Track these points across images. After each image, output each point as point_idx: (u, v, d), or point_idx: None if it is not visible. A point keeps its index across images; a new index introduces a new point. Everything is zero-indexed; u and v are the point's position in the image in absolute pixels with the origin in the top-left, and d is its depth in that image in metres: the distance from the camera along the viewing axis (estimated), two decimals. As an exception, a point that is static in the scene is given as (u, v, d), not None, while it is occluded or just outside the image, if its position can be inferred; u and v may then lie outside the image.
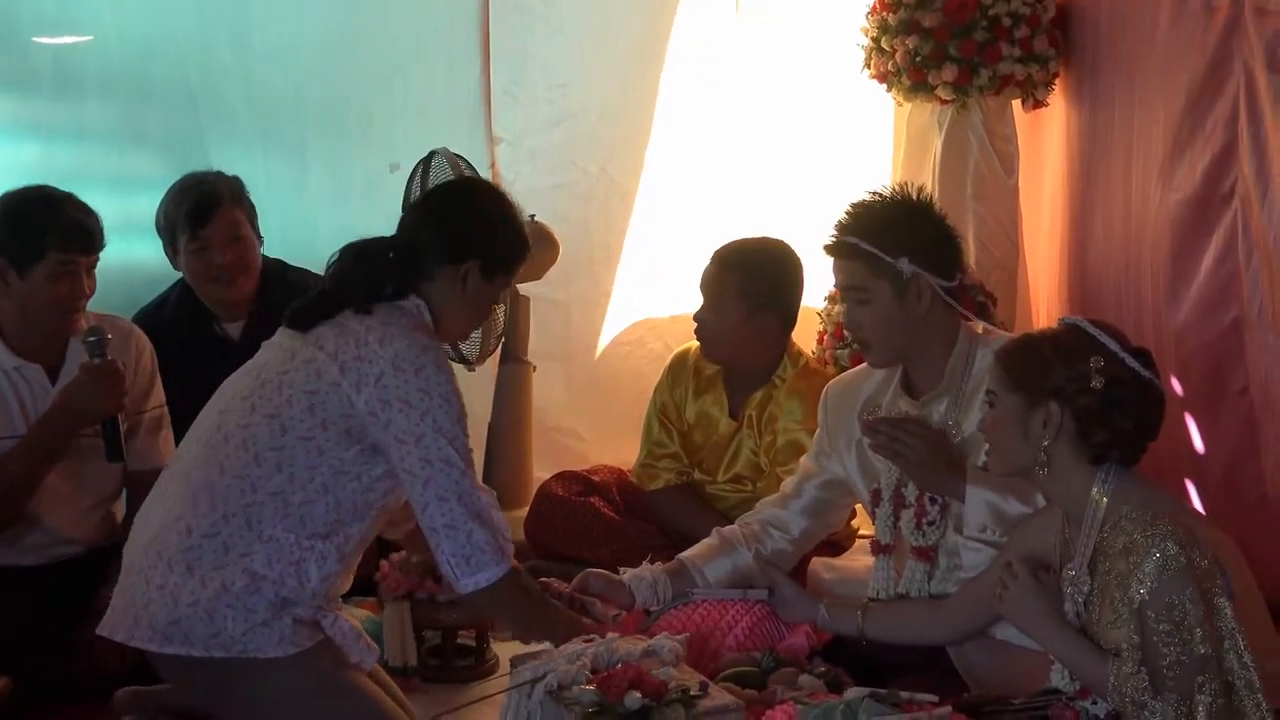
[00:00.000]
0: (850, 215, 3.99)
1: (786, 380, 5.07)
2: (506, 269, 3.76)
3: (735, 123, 6.46)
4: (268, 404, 3.45)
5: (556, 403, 6.23)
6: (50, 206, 4.33)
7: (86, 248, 4.33)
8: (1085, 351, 3.26)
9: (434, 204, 3.83)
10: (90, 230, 4.35)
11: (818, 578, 4.49)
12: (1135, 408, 3.26)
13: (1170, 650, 3.03)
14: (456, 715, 3.86)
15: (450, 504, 3.43)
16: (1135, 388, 3.26)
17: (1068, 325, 3.36)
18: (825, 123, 6.56)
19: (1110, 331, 3.30)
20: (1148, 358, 3.29)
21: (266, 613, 3.33)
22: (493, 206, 3.76)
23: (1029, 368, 3.32)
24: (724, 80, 6.43)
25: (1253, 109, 4.96)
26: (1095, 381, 3.23)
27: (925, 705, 3.23)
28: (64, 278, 4.28)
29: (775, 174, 6.47)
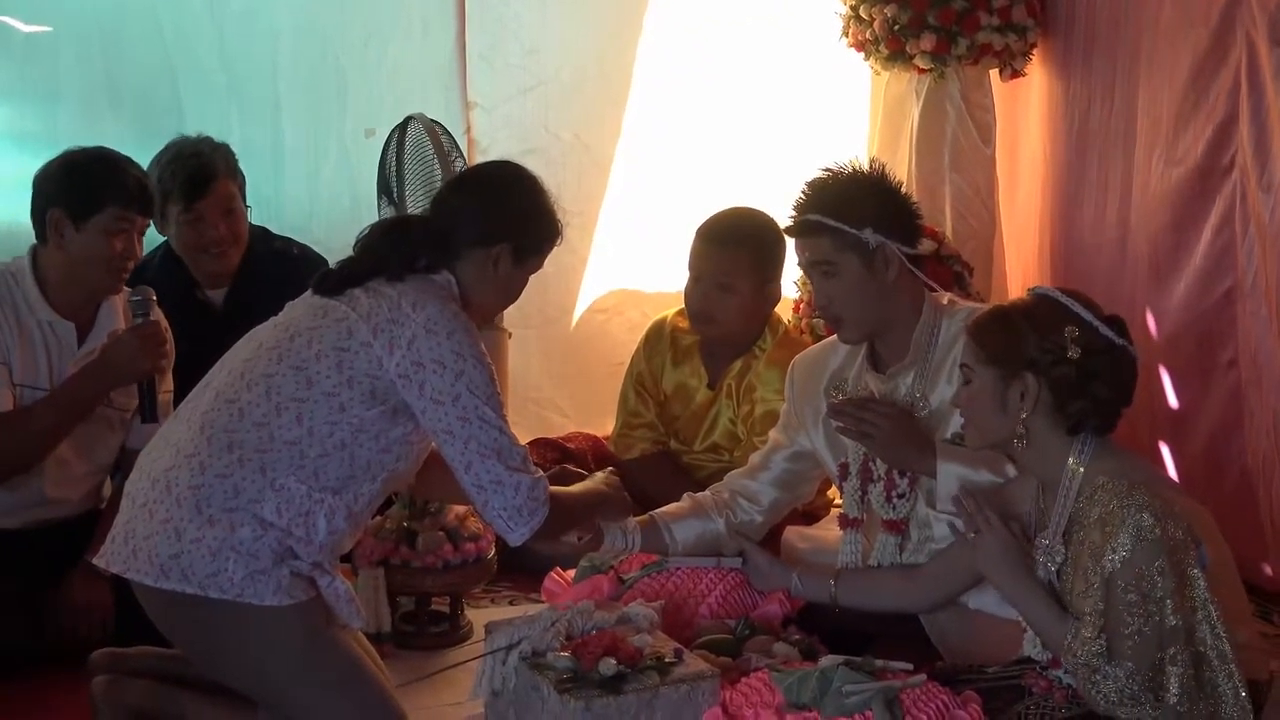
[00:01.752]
0: (808, 193, 3.98)
1: (766, 350, 5.08)
2: (538, 253, 3.79)
3: (713, 91, 6.47)
4: (296, 356, 3.46)
5: (532, 371, 6.24)
6: (112, 164, 4.38)
7: (143, 208, 4.38)
8: (1059, 322, 3.25)
9: (470, 185, 3.84)
10: (149, 192, 4.41)
11: (791, 547, 4.49)
12: (1112, 376, 3.26)
13: (1134, 620, 3.03)
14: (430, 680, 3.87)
15: (492, 460, 3.46)
16: (1111, 356, 3.25)
17: (1039, 296, 3.35)
18: (803, 91, 6.58)
19: (1082, 300, 3.30)
20: (1121, 325, 3.29)
21: (268, 560, 3.33)
22: (528, 191, 3.77)
23: (1003, 341, 3.31)
24: (701, 48, 6.43)
25: (1254, 81, 4.99)
26: (1072, 351, 3.22)
27: (899, 673, 3.23)
28: (119, 235, 4.32)
29: (753, 143, 6.49)
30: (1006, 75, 6.22)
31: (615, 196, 6.41)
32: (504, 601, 4.88)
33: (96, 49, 5.66)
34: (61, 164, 4.37)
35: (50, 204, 4.32)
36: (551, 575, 4.27)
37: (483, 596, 4.87)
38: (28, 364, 4.31)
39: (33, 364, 4.32)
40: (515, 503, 3.47)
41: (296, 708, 3.44)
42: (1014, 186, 6.60)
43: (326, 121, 5.92)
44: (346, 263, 3.63)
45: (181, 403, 3.63)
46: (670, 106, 6.41)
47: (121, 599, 3.93)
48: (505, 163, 3.95)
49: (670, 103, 6.41)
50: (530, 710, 3.32)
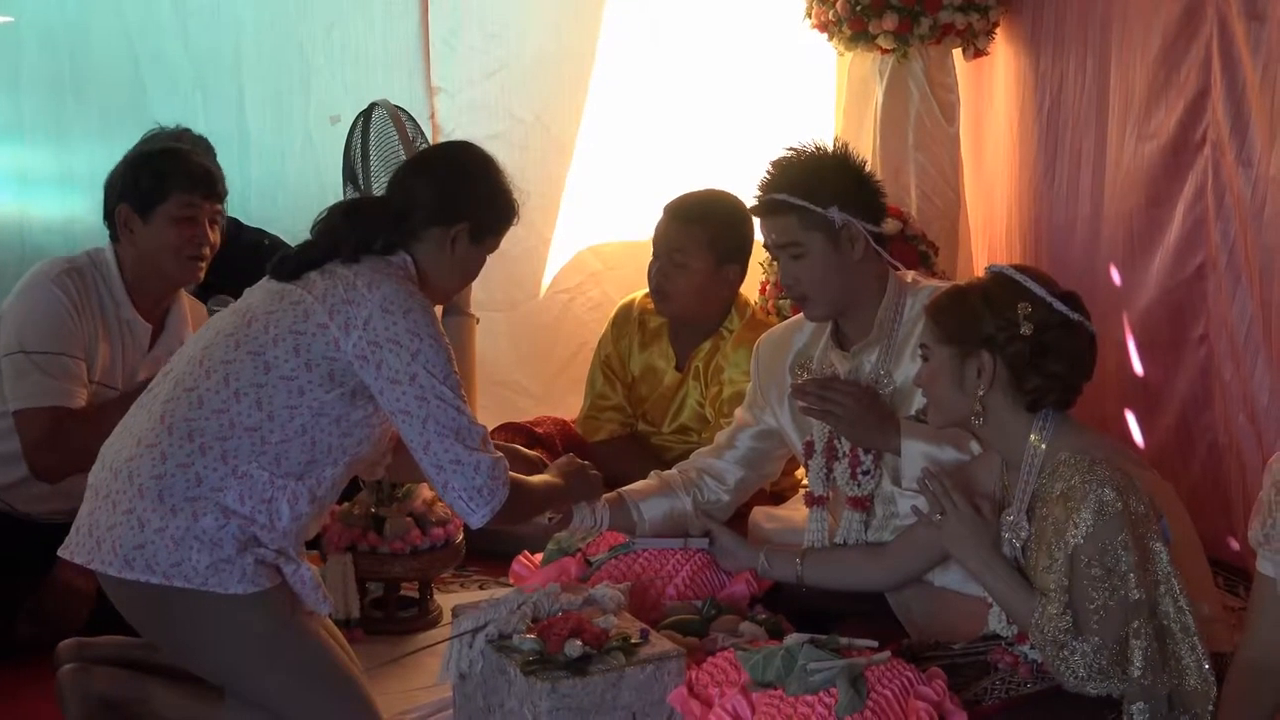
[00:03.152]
0: (773, 172, 3.99)
1: (734, 331, 5.10)
2: (496, 233, 3.78)
3: (676, 72, 6.47)
4: (253, 342, 3.44)
5: (498, 353, 6.24)
6: (174, 153, 4.45)
7: (209, 193, 4.42)
8: (1013, 299, 3.26)
9: (426, 166, 3.82)
10: (213, 175, 4.46)
11: (758, 527, 4.49)
12: (1066, 351, 3.27)
13: (1099, 594, 3.05)
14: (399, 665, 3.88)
15: (450, 440, 3.44)
16: (1064, 331, 3.27)
17: (994, 274, 3.35)
18: (768, 72, 6.59)
19: (1037, 277, 3.31)
20: (1076, 300, 3.30)
21: (232, 548, 3.32)
22: (484, 171, 3.76)
23: (959, 319, 3.31)
24: (665, 30, 6.43)
25: (1227, 55, 4.99)
26: (1024, 328, 3.23)
27: (864, 650, 3.24)
28: (187, 222, 4.37)
29: (717, 124, 6.49)
30: (970, 54, 6.24)
31: (578, 178, 6.41)
32: (473, 585, 4.89)
33: (60, 40, 5.65)
34: (126, 161, 4.44)
35: (118, 201, 4.37)
36: (519, 558, 4.27)
37: (452, 581, 4.88)
38: (105, 363, 4.36)
39: (110, 363, 4.37)
40: (475, 483, 3.45)
41: (263, 695, 3.44)
42: (979, 165, 6.61)
43: (291, 109, 5.92)
44: (303, 246, 3.62)
45: (142, 392, 3.62)
46: (634, 89, 6.42)
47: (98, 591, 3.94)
48: (461, 143, 3.95)
49: (634, 85, 6.41)
50: (497, 692, 3.33)
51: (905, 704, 3.09)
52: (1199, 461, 5.34)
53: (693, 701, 3.20)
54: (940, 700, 3.13)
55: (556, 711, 3.16)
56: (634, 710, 3.24)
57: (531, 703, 3.18)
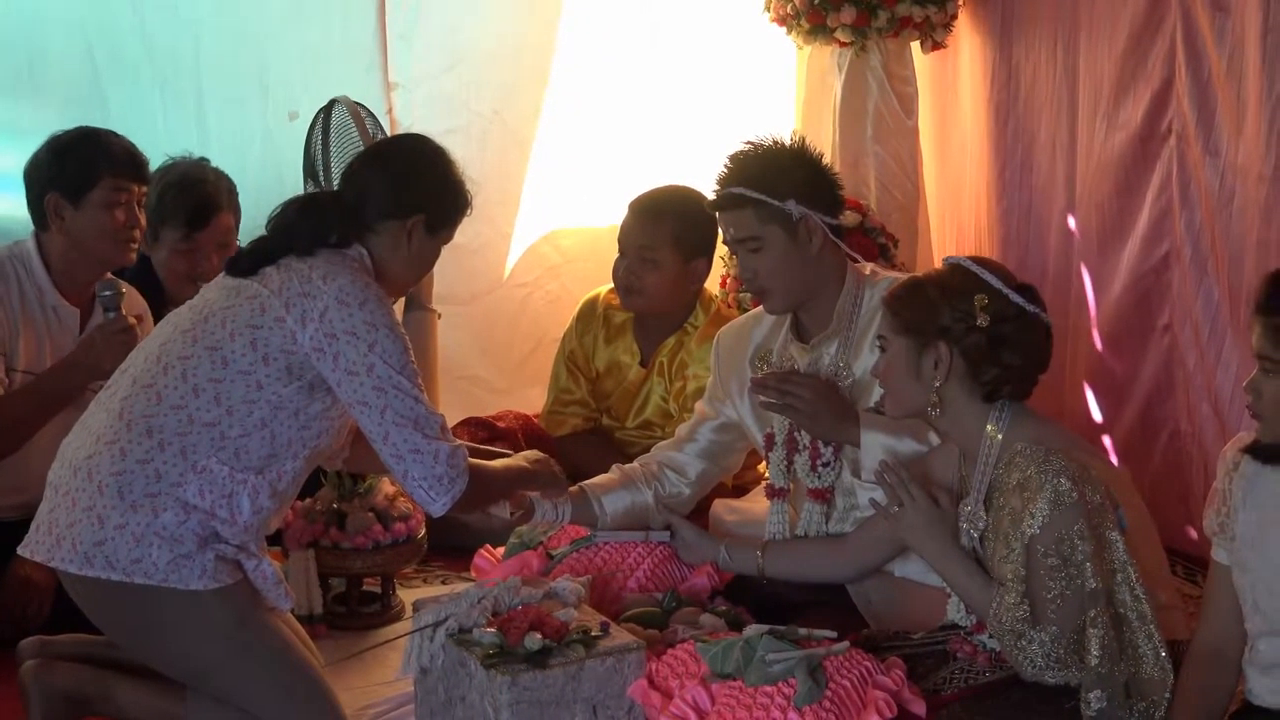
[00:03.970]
0: (731, 166, 4.01)
1: (699, 327, 5.12)
2: (450, 224, 3.78)
3: (636, 66, 6.47)
4: (210, 337, 3.45)
5: (459, 347, 6.23)
6: (98, 138, 4.44)
7: (138, 175, 4.44)
8: (969, 290, 3.28)
9: (380, 159, 3.82)
10: (139, 159, 4.47)
11: (719, 519, 4.51)
12: (1022, 342, 3.28)
13: (1055, 584, 3.07)
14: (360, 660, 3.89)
15: (409, 429, 3.45)
16: (1021, 323, 3.28)
17: (951, 265, 3.37)
18: (727, 66, 6.58)
19: (993, 269, 3.33)
20: (1032, 292, 3.31)
21: (192, 544, 3.33)
22: (437, 162, 3.77)
23: (916, 310, 3.33)
24: (624, 23, 6.43)
25: (1191, 47, 5.02)
26: (981, 319, 3.25)
27: (823, 641, 3.26)
28: (118, 206, 4.37)
29: (677, 119, 6.49)
30: (928, 47, 6.24)
31: (537, 172, 6.40)
32: (436, 580, 4.89)
33: (18, 39, 5.61)
34: (48, 148, 4.41)
35: (46, 189, 4.37)
36: (481, 552, 4.27)
37: (414, 576, 4.88)
38: (30, 351, 4.36)
39: (35, 350, 4.36)
40: (435, 472, 3.46)
41: (224, 690, 3.45)
42: (945, 157, 6.62)
43: (249, 106, 5.89)
44: (258, 242, 3.62)
45: (101, 389, 3.62)
46: (593, 83, 6.41)
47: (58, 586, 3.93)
48: (413, 135, 3.96)
49: (593, 79, 6.40)
50: (458, 686, 3.34)
51: (864, 693, 3.11)
52: (1160, 451, 5.36)
53: (653, 693, 3.22)
54: (899, 689, 3.15)
55: (517, 705, 3.17)
56: (594, 703, 3.25)
57: (492, 696, 3.19)
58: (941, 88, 6.61)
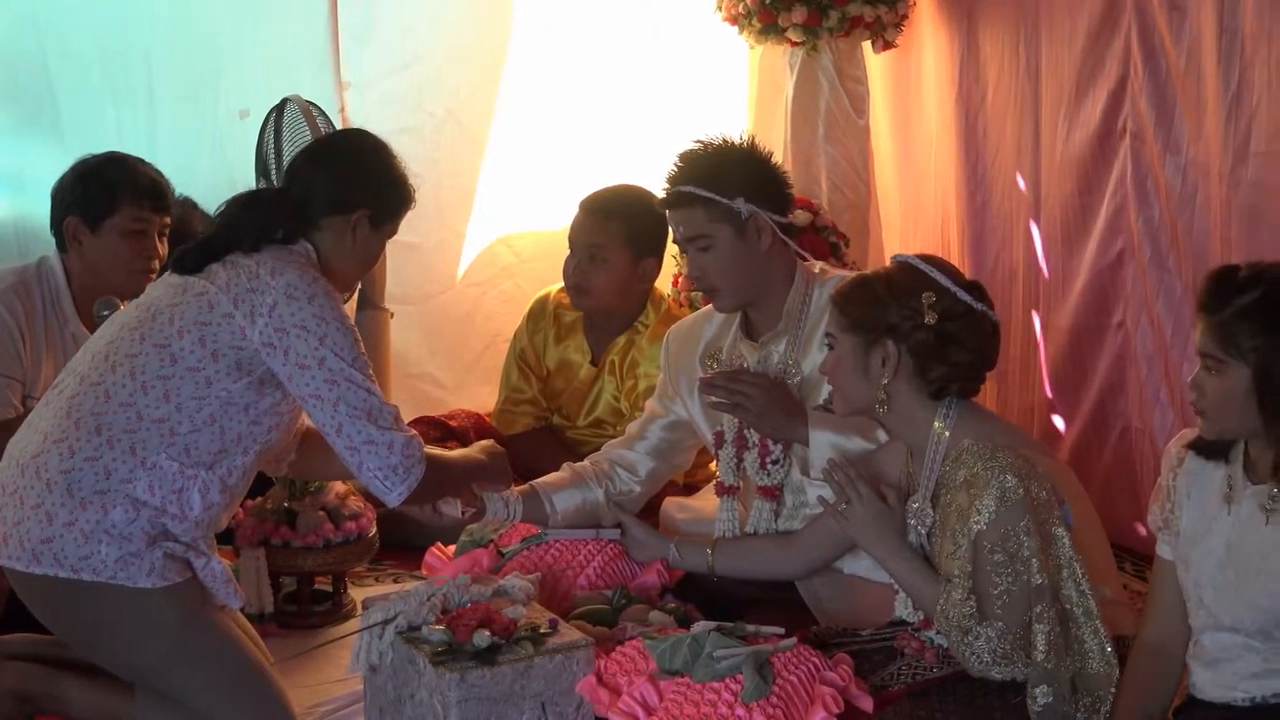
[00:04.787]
0: (680, 165, 4.02)
1: (649, 326, 5.13)
2: (394, 219, 3.80)
3: (589, 66, 6.46)
4: (158, 334, 3.45)
5: (412, 346, 6.22)
6: (122, 165, 4.41)
7: (159, 206, 4.41)
8: (917, 288, 3.29)
9: (324, 154, 3.83)
10: (163, 189, 4.44)
11: (670, 517, 4.52)
12: (969, 340, 3.30)
13: (1002, 580, 3.08)
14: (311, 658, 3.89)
15: (362, 421, 3.45)
16: (968, 321, 3.30)
17: (899, 263, 3.38)
18: (681, 65, 6.58)
19: (941, 266, 3.34)
20: (980, 290, 3.33)
21: (141, 542, 3.33)
22: (381, 158, 3.78)
23: (864, 308, 3.34)
24: (577, 23, 6.42)
25: (1147, 46, 5.04)
26: (928, 317, 3.26)
27: (771, 638, 3.28)
28: (136, 235, 4.36)
29: (631, 118, 6.49)
30: (879, 47, 6.26)
31: (491, 172, 6.40)
32: (388, 579, 4.88)
33: (-34, 38, 5.60)
34: (73, 171, 4.40)
35: (66, 213, 4.37)
36: (432, 550, 4.28)
37: (366, 574, 4.87)
38: (49, 380, 4.26)
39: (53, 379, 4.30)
40: (390, 462, 3.47)
41: (173, 689, 3.45)
42: (909, 155, 6.62)
43: (200, 104, 5.86)
44: (204, 239, 3.62)
45: (48, 389, 3.61)
46: (547, 82, 6.39)
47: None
48: (355, 131, 3.99)
49: (547, 78, 6.39)
50: (408, 683, 3.34)
51: (811, 689, 3.13)
52: (1110, 448, 5.40)
53: (601, 690, 3.23)
54: (846, 685, 3.17)
55: (466, 702, 3.17)
56: (543, 700, 3.26)
57: (441, 693, 3.19)
58: (903, 86, 6.62)
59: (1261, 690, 2.97)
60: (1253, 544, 2.95)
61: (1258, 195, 4.60)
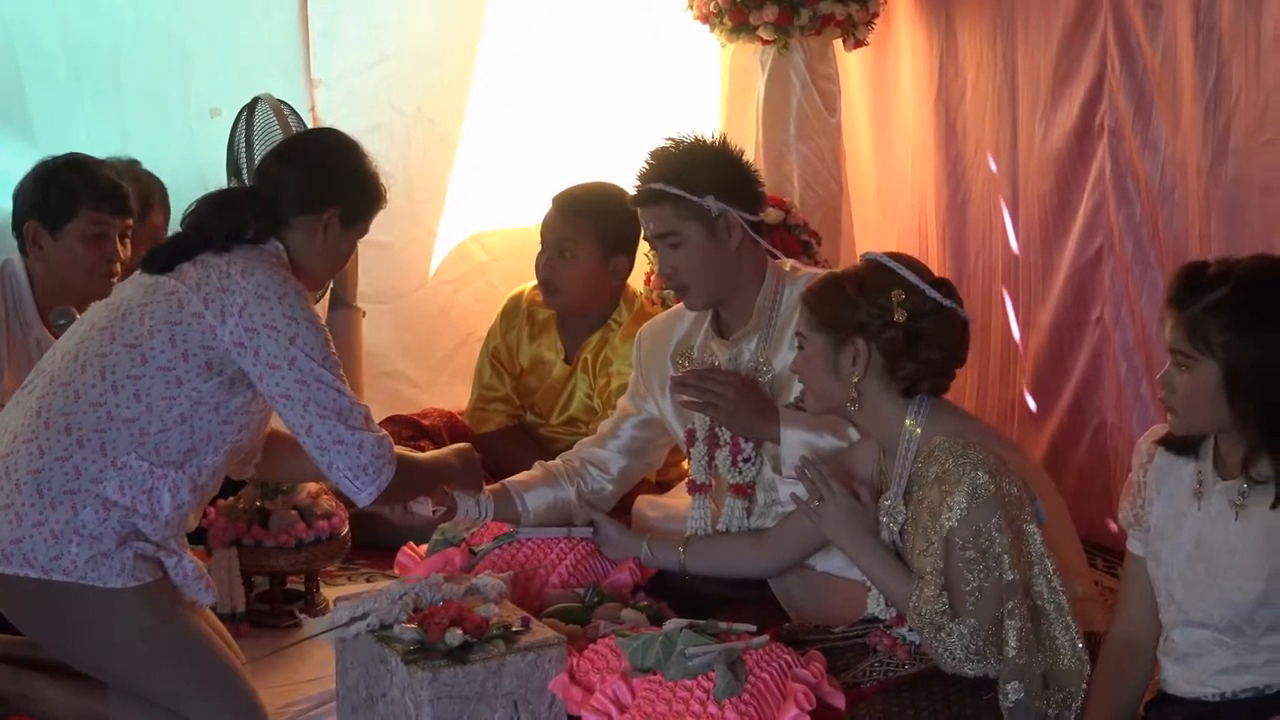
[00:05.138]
0: (651, 162, 4.02)
1: (622, 324, 5.13)
2: (365, 217, 3.80)
3: (561, 64, 6.46)
4: (128, 334, 3.44)
5: (384, 345, 6.22)
6: (81, 168, 4.40)
7: (118, 209, 4.40)
8: (886, 286, 3.29)
9: (294, 153, 3.84)
10: (123, 192, 4.43)
11: (642, 515, 4.53)
12: (939, 338, 3.30)
13: (974, 576, 3.08)
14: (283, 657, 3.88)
15: (332, 421, 3.45)
16: (938, 318, 3.30)
17: (869, 261, 3.38)
18: (653, 63, 6.59)
19: (910, 264, 3.34)
20: (949, 287, 3.33)
21: (111, 542, 3.33)
22: (351, 156, 3.78)
23: (834, 306, 3.34)
24: (549, 21, 6.42)
25: (1124, 43, 5.06)
26: (898, 315, 3.26)
27: (743, 635, 3.28)
28: (96, 240, 4.36)
29: (603, 115, 6.49)
30: (850, 45, 6.26)
31: (463, 170, 6.39)
32: (359, 578, 4.88)
33: (-66, 35, 5.57)
34: (33, 175, 4.40)
35: (26, 216, 4.36)
36: (404, 549, 4.27)
37: (339, 574, 4.86)
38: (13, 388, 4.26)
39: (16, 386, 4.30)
40: (360, 461, 3.46)
41: (145, 689, 3.45)
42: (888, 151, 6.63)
43: (170, 102, 5.85)
44: (174, 239, 3.63)
45: (17, 390, 3.60)
46: (518, 80, 6.39)
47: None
48: (326, 130, 3.99)
49: (518, 76, 6.39)
50: (379, 682, 3.34)
51: (783, 686, 3.14)
52: (1085, 444, 5.41)
53: (574, 688, 3.23)
54: (818, 682, 3.18)
55: (438, 700, 3.17)
56: (516, 698, 3.26)
57: (413, 692, 3.19)
58: (881, 84, 6.64)
59: (1231, 685, 2.98)
60: (1222, 539, 2.95)
61: (1237, 191, 4.62)
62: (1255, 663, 2.96)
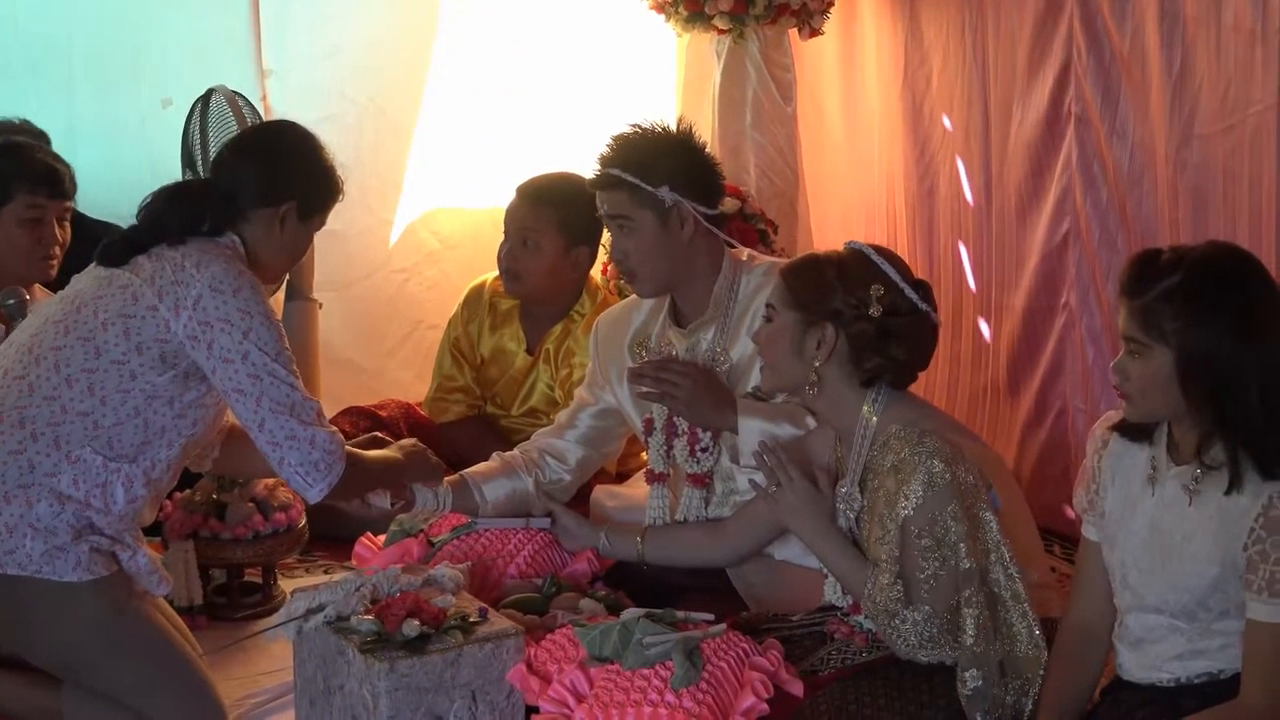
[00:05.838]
0: (612, 147, 4.02)
1: (585, 315, 5.12)
2: (322, 210, 3.79)
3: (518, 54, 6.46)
4: (82, 327, 3.43)
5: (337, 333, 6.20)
6: (16, 152, 4.37)
7: (55, 192, 4.37)
8: (867, 278, 3.29)
9: (251, 146, 3.82)
10: (59, 174, 4.39)
11: (600, 505, 4.51)
12: (909, 338, 3.31)
13: (929, 564, 3.10)
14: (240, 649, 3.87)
15: (284, 416, 3.45)
16: (912, 319, 3.30)
17: (853, 250, 3.38)
18: (609, 53, 6.60)
19: (892, 260, 3.34)
20: (927, 290, 3.34)
21: (66, 536, 3.32)
22: (308, 149, 3.77)
23: (811, 288, 3.33)
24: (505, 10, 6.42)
25: (1090, 30, 5.10)
26: (874, 309, 3.26)
27: (700, 624, 3.28)
28: (33, 224, 4.33)
29: (560, 105, 6.50)
30: (805, 34, 6.27)
31: (417, 160, 6.39)
32: (318, 570, 4.89)
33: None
34: None
35: None
36: (362, 540, 4.26)
37: (297, 566, 4.87)
38: None
39: None
40: (311, 458, 3.46)
41: (101, 683, 3.44)
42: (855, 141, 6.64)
43: (122, 93, 5.83)
44: (129, 231, 3.60)
45: None
46: (474, 70, 6.39)
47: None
48: (283, 122, 3.97)
49: (474, 66, 6.39)
50: (337, 674, 3.33)
51: (741, 675, 3.14)
52: (1047, 429, 5.44)
53: (532, 678, 3.22)
54: (776, 670, 3.18)
55: (395, 691, 3.16)
56: (473, 688, 3.25)
57: (370, 683, 3.18)
58: (848, 73, 6.65)
59: (1186, 671, 2.99)
60: (1176, 525, 2.96)
61: (1203, 176, 4.66)
62: (1209, 648, 2.97)
